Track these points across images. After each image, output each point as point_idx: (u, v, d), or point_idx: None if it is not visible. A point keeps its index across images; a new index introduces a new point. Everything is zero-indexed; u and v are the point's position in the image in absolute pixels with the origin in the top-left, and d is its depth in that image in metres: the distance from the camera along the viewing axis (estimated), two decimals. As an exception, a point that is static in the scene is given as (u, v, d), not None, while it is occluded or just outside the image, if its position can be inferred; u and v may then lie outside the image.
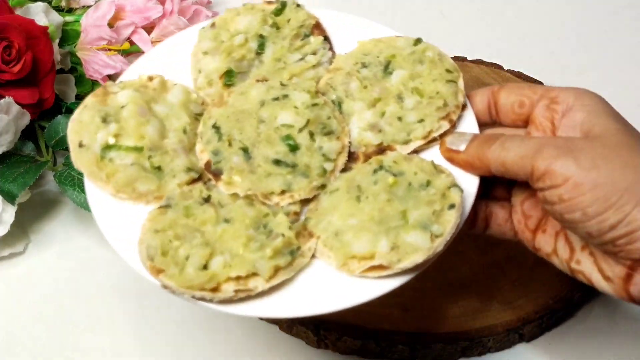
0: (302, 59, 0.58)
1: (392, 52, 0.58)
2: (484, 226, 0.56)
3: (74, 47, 0.78)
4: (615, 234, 0.47)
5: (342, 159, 0.55)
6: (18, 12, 0.76)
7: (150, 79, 0.56)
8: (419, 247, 0.49)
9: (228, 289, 0.48)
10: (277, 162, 0.53)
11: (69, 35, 0.79)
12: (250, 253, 0.49)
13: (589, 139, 0.49)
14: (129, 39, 0.79)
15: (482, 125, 0.56)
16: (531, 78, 0.80)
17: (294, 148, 0.54)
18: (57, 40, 0.77)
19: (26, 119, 0.71)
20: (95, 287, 0.69)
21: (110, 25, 0.78)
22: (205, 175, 0.53)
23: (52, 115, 0.74)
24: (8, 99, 0.68)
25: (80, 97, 0.80)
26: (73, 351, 0.65)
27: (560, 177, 0.47)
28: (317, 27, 0.60)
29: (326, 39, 0.60)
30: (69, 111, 0.76)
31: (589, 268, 0.51)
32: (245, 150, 0.54)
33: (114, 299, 0.68)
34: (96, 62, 0.78)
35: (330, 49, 0.59)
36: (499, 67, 0.81)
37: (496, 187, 0.57)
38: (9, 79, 0.71)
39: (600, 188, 0.46)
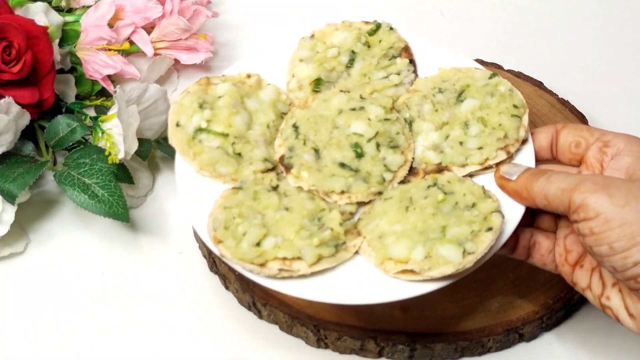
0: (386, 77, 0.64)
1: (468, 82, 0.63)
2: (527, 254, 0.60)
3: (74, 47, 0.78)
4: (638, 271, 0.49)
5: (403, 172, 0.60)
6: (18, 12, 0.76)
7: (249, 76, 0.63)
8: (450, 260, 0.54)
9: (273, 266, 0.54)
10: (342, 165, 0.59)
11: (69, 35, 0.79)
12: (299, 240, 0.55)
13: (629, 180, 0.53)
14: (129, 39, 0.79)
15: (544, 161, 0.61)
16: (531, 78, 0.80)
17: (359, 155, 0.60)
18: (57, 40, 0.77)
19: (26, 119, 0.71)
20: (96, 287, 0.69)
21: (110, 25, 0.78)
22: (278, 167, 0.60)
23: (52, 115, 0.74)
24: (8, 99, 0.68)
25: (80, 97, 0.80)
26: (73, 351, 0.65)
27: (593, 210, 0.50)
28: (406, 50, 0.66)
29: (412, 62, 0.66)
30: (69, 111, 0.76)
31: (616, 304, 0.54)
32: (316, 150, 0.60)
33: (114, 298, 0.68)
34: (96, 62, 0.78)
35: (414, 71, 0.65)
36: (499, 67, 0.81)
37: (544, 218, 0.60)
38: (9, 79, 0.71)
39: (628, 225, 0.49)
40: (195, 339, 0.65)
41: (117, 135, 0.69)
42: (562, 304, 0.64)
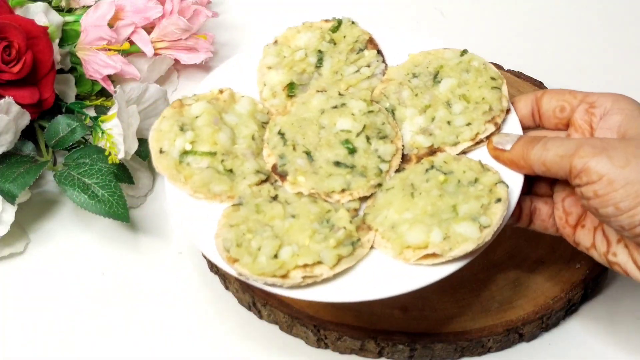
0: (357, 71, 0.65)
1: (440, 63, 0.64)
2: (529, 221, 0.60)
3: (74, 47, 0.78)
4: None
5: (396, 161, 0.60)
6: (18, 12, 0.76)
7: (221, 92, 0.62)
8: (469, 237, 0.54)
9: (296, 275, 0.53)
10: (337, 164, 0.59)
11: (69, 35, 0.79)
12: (315, 244, 0.54)
13: (624, 139, 0.53)
14: (129, 39, 0.79)
15: (526, 129, 0.61)
16: (531, 78, 0.80)
17: (352, 151, 0.60)
18: (57, 40, 0.77)
19: (26, 119, 0.71)
20: (96, 287, 0.69)
21: (110, 25, 0.78)
22: (272, 176, 0.60)
23: (52, 115, 0.74)
24: (8, 99, 0.68)
25: (80, 97, 0.80)
26: (73, 351, 0.65)
27: (595, 174, 0.51)
28: (371, 42, 0.66)
29: (379, 52, 0.66)
30: (69, 111, 0.76)
31: (624, 260, 0.54)
32: (308, 153, 0.60)
33: (114, 298, 0.68)
34: (96, 62, 0.78)
35: (383, 61, 0.66)
36: (499, 66, 0.80)
37: (539, 184, 0.60)
38: (9, 79, 0.71)
39: (631, 185, 0.50)
40: (195, 339, 0.65)
41: (117, 135, 0.69)
42: (562, 304, 0.64)
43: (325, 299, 0.54)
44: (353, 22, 0.67)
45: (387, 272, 0.55)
